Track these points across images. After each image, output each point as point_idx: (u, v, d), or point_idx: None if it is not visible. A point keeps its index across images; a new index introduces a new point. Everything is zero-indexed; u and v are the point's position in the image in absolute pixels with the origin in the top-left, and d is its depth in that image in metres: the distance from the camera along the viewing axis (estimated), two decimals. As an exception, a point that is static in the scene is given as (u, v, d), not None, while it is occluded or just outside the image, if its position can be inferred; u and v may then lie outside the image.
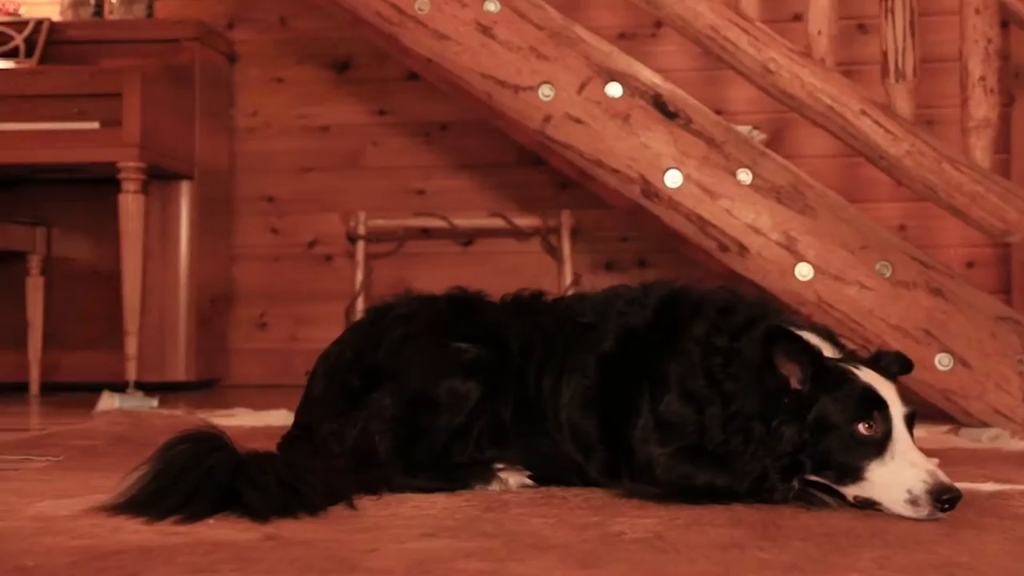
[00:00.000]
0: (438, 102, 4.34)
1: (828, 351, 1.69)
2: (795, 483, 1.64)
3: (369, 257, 4.58)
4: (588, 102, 3.00)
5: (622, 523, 1.53)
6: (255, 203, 4.77)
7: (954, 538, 1.44)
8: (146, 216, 4.13)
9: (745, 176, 2.94)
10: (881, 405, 1.60)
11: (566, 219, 4.28)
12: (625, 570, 1.26)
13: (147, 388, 4.01)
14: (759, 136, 3.37)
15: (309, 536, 1.44)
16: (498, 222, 4.41)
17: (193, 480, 1.56)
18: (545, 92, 3.01)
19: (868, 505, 1.60)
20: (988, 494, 1.77)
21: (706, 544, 1.39)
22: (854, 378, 1.62)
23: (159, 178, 4.22)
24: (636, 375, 1.79)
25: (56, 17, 4.52)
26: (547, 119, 3.03)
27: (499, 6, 3.05)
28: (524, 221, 4.39)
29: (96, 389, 3.60)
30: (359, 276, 4.26)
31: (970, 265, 4.42)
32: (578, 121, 3.00)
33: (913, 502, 1.54)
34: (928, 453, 2.03)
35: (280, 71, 4.77)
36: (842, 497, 1.63)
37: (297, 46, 4.76)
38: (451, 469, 1.81)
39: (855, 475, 1.60)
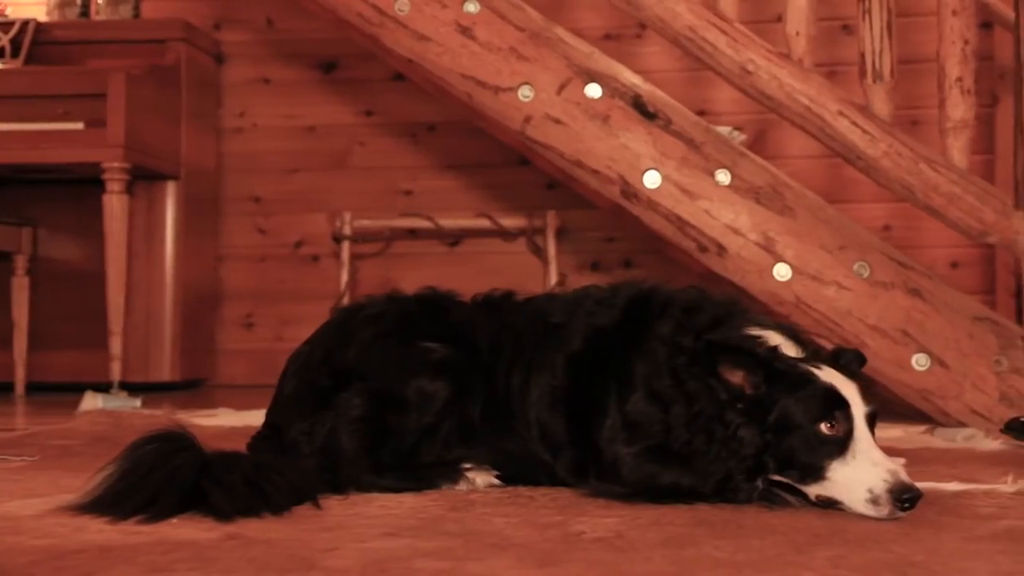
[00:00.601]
0: (425, 103, 4.35)
1: (791, 350, 1.70)
2: (759, 483, 1.65)
3: (356, 257, 4.59)
4: (568, 103, 3.01)
5: (584, 522, 1.54)
6: (242, 203, 4.78)
7: (912, 537, 1.44)
8: (132, 216, 4.15)
9: (724, 177, 2.95)
10: (842, 404, 1.61)
11: (551, 220, 4.30)
12: (581, 569, 1.27)
13: (133, 388, 4.02)
14: (739, 137, 3.38)
15: (271, 535, 1.45)
16: (484, 222, 4.42)
17: (158, 480, 1.57)
18: (525, 93, 3.02)
19: (830, 504, 1.61)
20: (952, 494, 1.78)
21: (665, 543, 1.40)
22: (815, 378, 1.63)
23: (145, 178, 4.23)
24: (603, 375, 1.79)
25: (43, 18, 4.53)
26: (527, 120, 3.04)
27: (479, 7, 3.06)
28: (510, 221, 4.41)
29: (82, 389, 3.60)
30: (344, 276, 4.27)
31: (955, 265, 4.44)
32: (558, 122, 3.01)
33: (874, 501, 1.55)
34: (901, 453, 2.06)
35: (267, 71, 4.78)
36: (805, 496, 1.64)
37: (284, 46, 4.76)
38: (419, 469, 1.82)
39: (817, 474, 1.60)
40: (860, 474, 1.57)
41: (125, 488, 1.58)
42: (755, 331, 1.70)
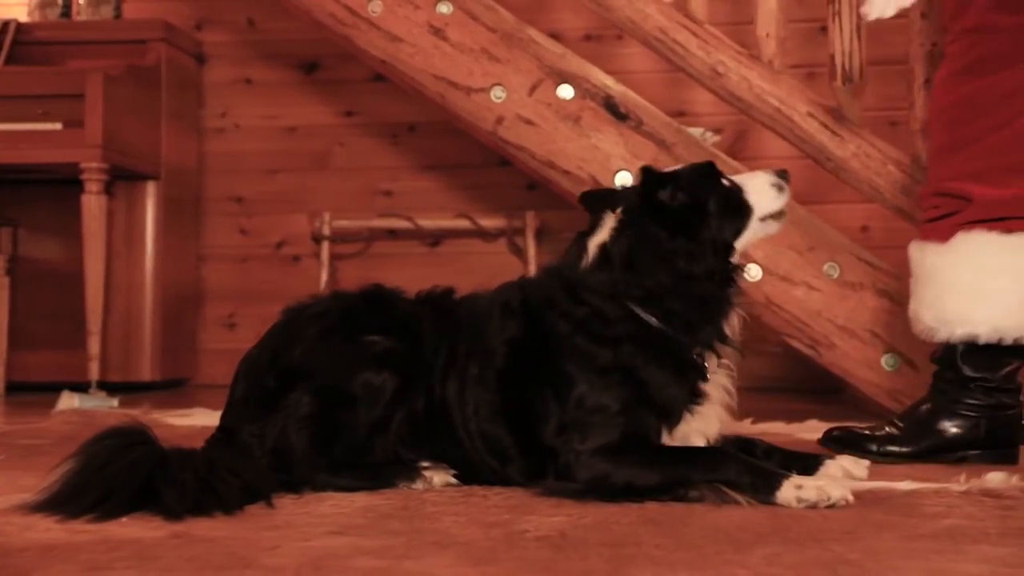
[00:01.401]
0: (405, 103, 4.36)
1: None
2: (732, 267, 1.84)
3: (337, 258, 4.61)
4: (539, 104, 3.02)
5: (531, 521, 1.55)
6: (224, 203, 4.78)
7: (853, 535, 1.45)
8: (112, 216, 4.16)
9: (695, 177, 2.96)
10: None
11: (531, 220, 4.31)
12: (517, 567, 1.28)
13: (113, 388, 4.03)
14: (712, 138, 3.39)
15: (217, 534, 1.46)
16: (464, 223, 4.44)
17: (111, 477, 1.58)
18: (497, 94, 3.03)
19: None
20: (903, 492, 1.79)
21: (605, 542, 1.41)
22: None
23: (125, 178, 4.23)
24: (535, 381, 1.81)
25: (24, 18, 4.53)
26: (499, 120, 3.05)
27: (452, 8, 3.07)
28: (489, 222, 4.42)
29: (63, 389, 3.62)
30: (324, 277, 4.28)
31: (932, 266, 4.44)
32: (529, 123, 3.02)
33: (775, 187, 1.88)
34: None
35: (249, 72, 4.78)
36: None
37: (266, 47, 4.77)
38: (375, 468, 1.83)
39: (743, 216, 1.87)
40: (756, 184, 1.88)
41: (78, 485, 1.59)
42: None
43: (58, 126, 3.86)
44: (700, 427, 1.82)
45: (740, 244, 1.86)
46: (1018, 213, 2.11)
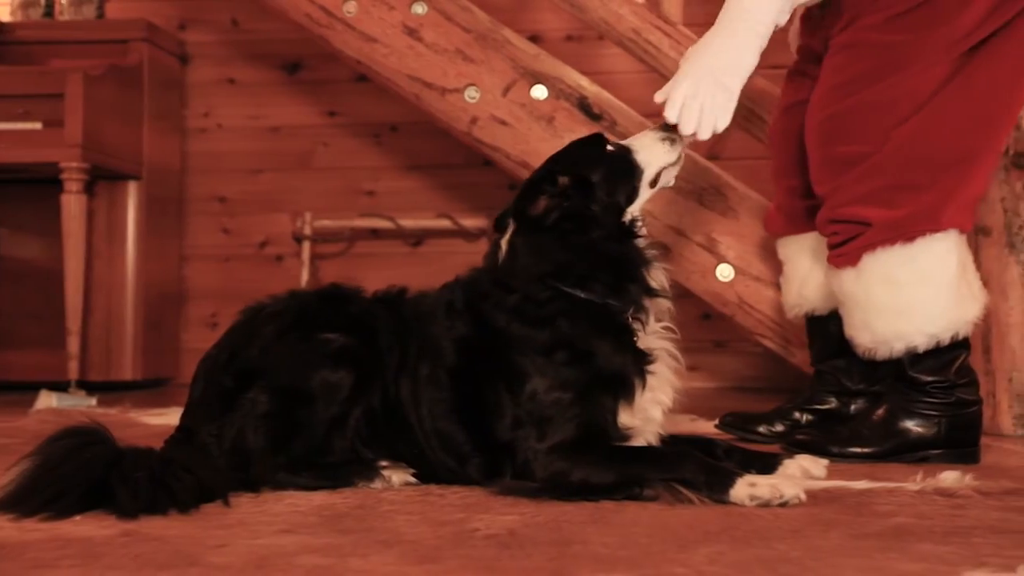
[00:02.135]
0: (388, 104, 4.36)
1: None
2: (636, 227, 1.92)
3: (319, 258, 4.62)
4: (513, 104, 3.03)
5: (483, 520, 1.55)
6: (207, 203, 4.79)
7: (799, 534, 1.46)
8: (93, 216, 4.17)
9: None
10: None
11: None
12: (459, 565, 1.29)
13: (94, 387, 4.03)
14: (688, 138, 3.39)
15: (168, 532, 1.47)
16: (445, 223, 4.45)
17: (65, 476, 1.59)
18: (471, 94, 3.04)
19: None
20: (857, 491, 1.80)
21: (553, 541, 1.42)
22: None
23: (106, 178, 4.23)
24: (487, 378, 1.83)
25: (6, 18, 4.54)
26: (474, 121, 3.06)
27: (426, 8, 3.08)
28: (471, 222, 4.43)
29: (45, 388, 3.62)
30: (304, 276, 4.29)
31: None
32: (503, 123, 3.03)
33: (664, 141, 1.97)
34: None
35: (232, 72, 4.79)
36: None
37: (249, 47, 4.78)
38: (334, 467, 1.83)
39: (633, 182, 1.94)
40: (644, 142, 1.97)
41: (32, 485, 1.59)
42: None
43: (38, 126, 3.86)
44: (654, 396, 1.85)
45: (638, 200, 1.94)
46: (916, 226, 2.15)
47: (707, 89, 1.96)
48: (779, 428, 2.51)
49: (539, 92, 3.02)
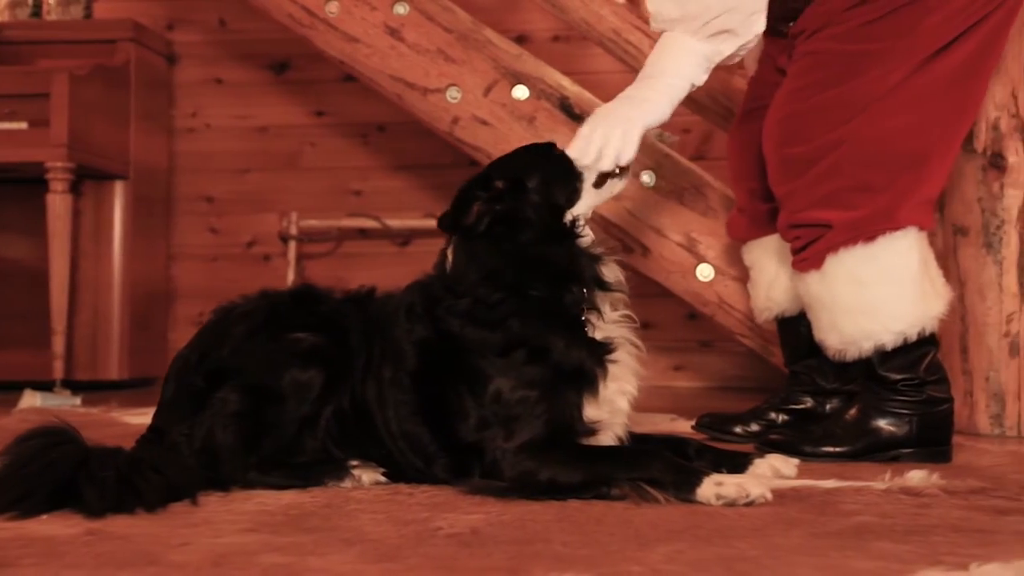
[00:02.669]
0: (375, 104, 4.36)
1: None
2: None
3: (307, 257, 4.63)
4: (495, 104, 3.04)
5: (448, 519, 1.56)
6: (195, 203, 4.79)
7: (761, 533, 1.47)
8: (79, 215, 4.17)
9: (648, 178, 2.99)
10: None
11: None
12: (417, 564, 1.30)
13: (81, 387, 4.04)
14: (670, 139, 3.41)
15: (132, 531, 1.47)
16: (432, 223, 4.44)
17: (32, 476, 1.59)
18: (453, 94, 3.05)
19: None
20: (824, 490, 1.81)
21: (515, 540, 1.43)
22: None
23: (93, 178, 4.24)
24: (450, 380, 1.83)
25: (-6, 17, 4.55)
26: (455, 121, 3.07)
27: (408, 9, 3.09)
28: (458, 221, 4.43)
29: (32, 387, 3.63)
30: (291, 276, 4.30)
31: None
32: (485, 123, 3.04)
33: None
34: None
35: (220, 72, 4.80)
36: None
37: (236, 47, 4.78)
38: (305, 466, 1.84)
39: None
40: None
41: (2, 483, 1.60)
42: None
43: (24, 125, 3.87)
44: (618, 386, 1.85)
45: (582, 202, 1.93)
46: (875, 225, 2.16)
47: (609, 125, 1.98)
48: (754, 428, 2.52)
49: (520, 92, 3.03)
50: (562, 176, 1.93)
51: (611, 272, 1.91)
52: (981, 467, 2.13)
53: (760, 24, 2.09)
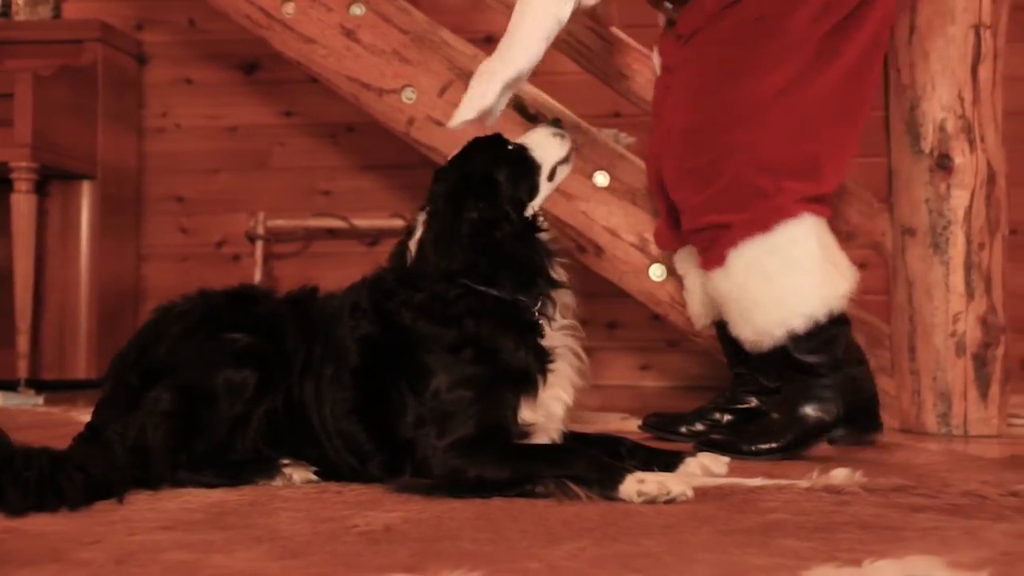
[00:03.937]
0: (344, 104, 4.32)
1: None
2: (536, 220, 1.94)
3: (275, 257, 4.63)
4: (449, 105, 3.04)
5: (367, 517, 1.57)
6: (165, 203, 4.80)
7: (672, 530, 1.48)
8: (46, 215, 4.18)
9: (602, 179, 3.00)
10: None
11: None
12: (321, 560, 1.31)
13: (48, 386, 4.05)
14: (626, 140, 3.42)
15: (49, 529, 1.48)
16: (399, 223, 4.46)
17: (-45, 475, 1.61)
18: (408, 95, 3.06)
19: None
20: (748, 488, 1.82)
21: (426, 537, 1.44)
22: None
23: (60, 178, 4.25)
24: (391, 376, 1.85)
25: (-38, 17, 4.55)
26: (411, 121, 3.08)
27: (364, 10, 3.10)
28: (425, 221, 4.44)
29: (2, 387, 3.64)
30: (257, 275, 4.31)
31: (863, 266, 4.47)
32: (439, 124, 3.05)
33: (555, 136, 2.01)
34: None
35: (189, 72, 4.80)
36: None
37: (206, 47, 4.79)
38: (236, 465, 1.85)
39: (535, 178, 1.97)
40: (538, 139, 2.00)
41: (-75, 484, 1.61)
42: None
43: (-13, 125, 3.87)
44: (554, 393, 1.87)
45: (539, 196, 1.96)
46: (771, 218, 2.21)
47: (475, 79, 2.16)
48: (699, 428, 2.54)
49: (475, 93, 3.03)
50: (523, 170, 1.96)
51: (560, 270, 1.94)
52: (913, 465, 2.15)
53: None
